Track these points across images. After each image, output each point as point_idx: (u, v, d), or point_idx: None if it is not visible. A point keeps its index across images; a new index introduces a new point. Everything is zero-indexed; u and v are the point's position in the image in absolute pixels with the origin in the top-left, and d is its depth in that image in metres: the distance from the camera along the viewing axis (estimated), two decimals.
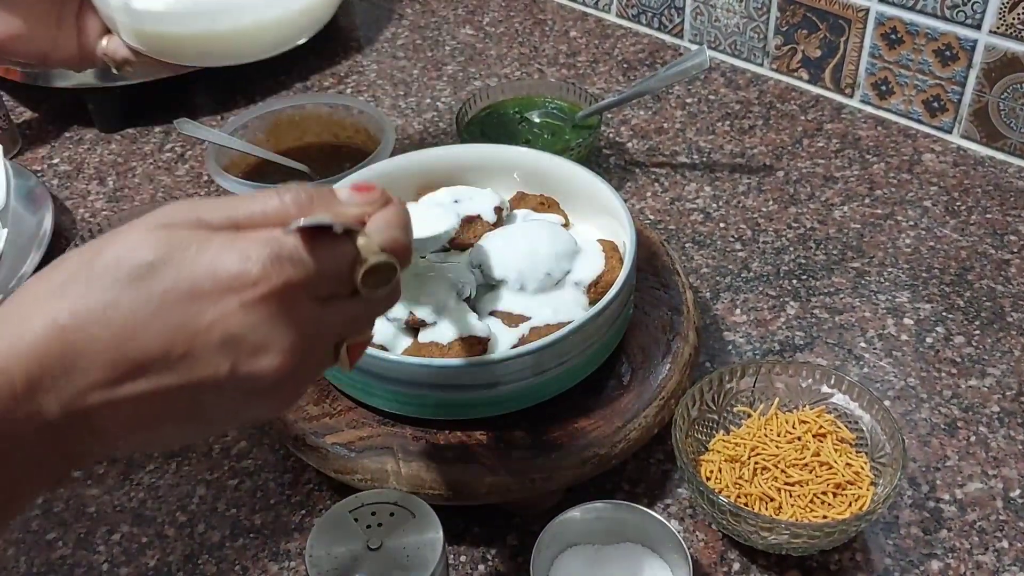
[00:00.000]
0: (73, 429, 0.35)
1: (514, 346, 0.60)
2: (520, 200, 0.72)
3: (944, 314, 0.75)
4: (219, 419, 0.39)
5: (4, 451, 0.34)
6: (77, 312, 0.35)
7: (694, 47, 1.06)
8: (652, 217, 0.86)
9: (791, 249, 0.82)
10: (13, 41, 0.60)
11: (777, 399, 0.64)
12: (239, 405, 0.38)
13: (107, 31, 0.63)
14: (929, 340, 0.73)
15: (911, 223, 0.84)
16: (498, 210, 0.68)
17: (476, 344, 0.59)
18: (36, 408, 0.34)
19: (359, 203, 0.40)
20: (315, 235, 0.37)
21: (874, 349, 0.73)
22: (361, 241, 0.39)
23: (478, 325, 0.60)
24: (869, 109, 0.97)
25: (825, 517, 0.57)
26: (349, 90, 1.07)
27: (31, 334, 0.34)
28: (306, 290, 0.37)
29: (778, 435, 0.62)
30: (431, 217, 0.61)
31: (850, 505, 0.58)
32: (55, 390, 0.34)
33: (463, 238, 0.67)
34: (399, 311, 0.60)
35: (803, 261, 0.81)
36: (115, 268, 0.35)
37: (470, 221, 0.67)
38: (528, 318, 0.62)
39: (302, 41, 0.65)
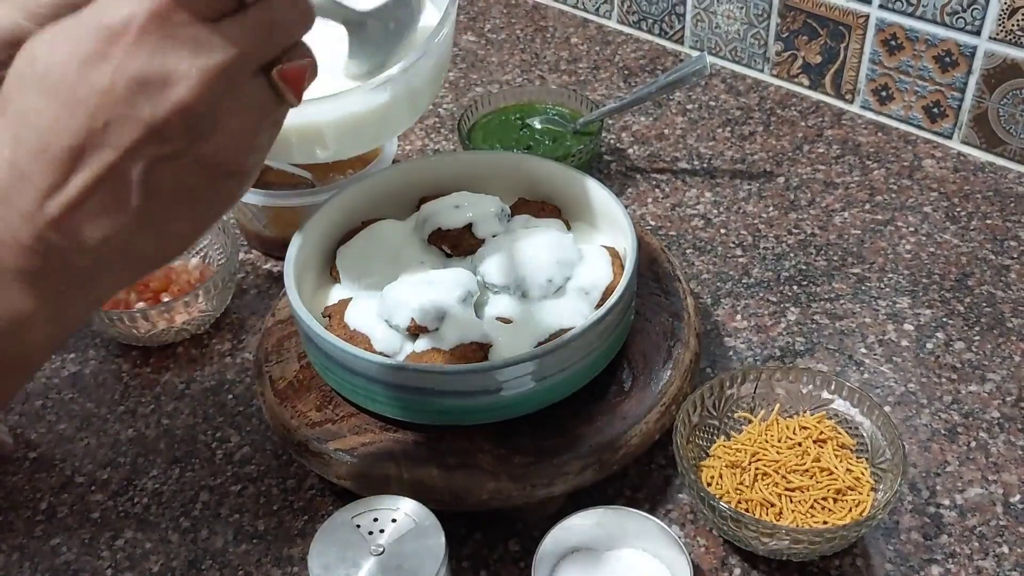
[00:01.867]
0: (51, 249, 0.36)
1: (540, 343, 0.60)
2: (521, 206, 0.72)
3: (944, 320, 0.75)
4: (190, 192, 0.38)
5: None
6: (7, 134, 0.36)
7: (695, 53, 1.06)
8: (653, 223, 0.87)
9: (792, 255, 0.82)
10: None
11: (778, 405, 0.64)
12: (197, 164, 0.37)
13: None
14: (929, 346, 0.73)
15: (911, 229, 0.84)
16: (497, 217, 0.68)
17: (478, 350, 0.60)
18: (8, 236, 0.35)
19: None
20: None
21: (874, 355, 0.73)
22: None
23: (480, 331, 0.60)
24: (869, 115, 0.98)
25: (826, 523, 0.58)
26: None
27: None
28: (180, 10, 0.36)
29: (779, 441, 0.62)
30: None
31: (851, 511, 0.58)
32: (17, 213, 0.35)
33: (464, 244, 0.67)
34: (401, 318, 0.60)
35: (804, 267, 0.81)
36: (19, 83, 0.36)
37: (460, 234, 0.67)
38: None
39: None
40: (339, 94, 0.53)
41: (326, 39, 0.43)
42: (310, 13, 0.40)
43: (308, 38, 0.40)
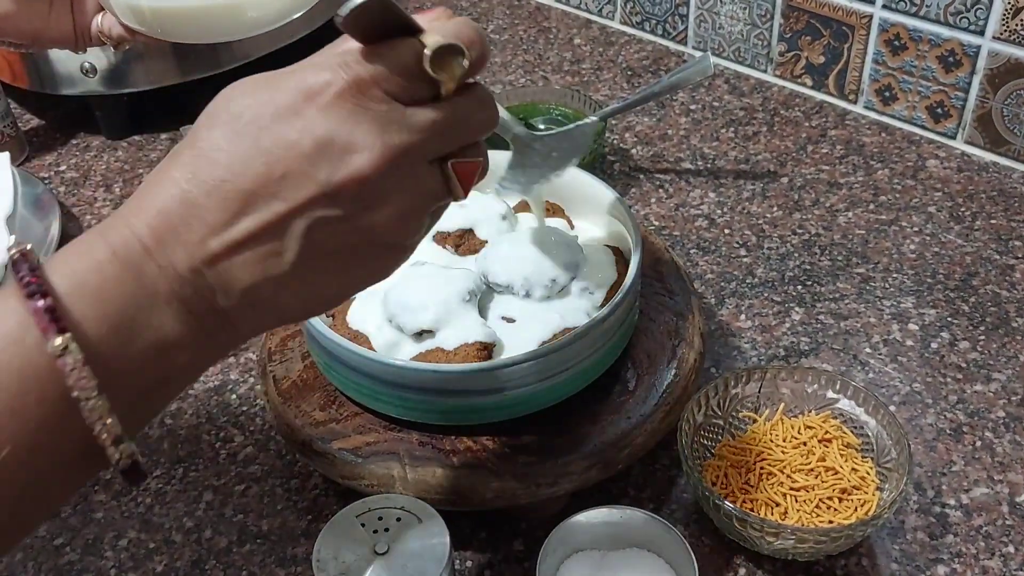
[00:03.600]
0: (203, 285, 0.37)
1: (544, 342, 0.60)
2: (525, 206, 0.72)
3: (949, 319, 0.75)
4: (343, 255, 0.39)
5: (147, 308, 0.36)
6: (186, 165, 0.37)
7: (698, 54, 1.06)
8: (657, 223, 0.87)
9: (796, 255, 0.82)
10: (4, 21, 0.60)
11: (782, 404, 0.64)
12: (357, 230, 0.38)
13: (101, 8, 0.62)
14: (934, 345, 0.73)
15: (915, 229, 0.84)
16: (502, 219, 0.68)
17: (482, 350, 0.59)
18: (166, 261, 0.36)
19: (423, 19, 0.40)
20: (379, 40, 0.38)
21: (879, 354, 0.73)
22: (426, 38, 0.39)
23: (484, 330, 0.60)
24: (873, 115, 0.98)
25: (831, 522, 0.57)
26: None
27: (156, 197, 0.37)
28: (378, 86, 0.38)
29: (784, 440, 0.62)
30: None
31: (856, 510, 0.58)
32: (179, 241, 0.36)
33: (465, 246, 0.67)
34: (405, 317, 0.60)
35: (808, 267, 0.81)
36: (211, 120, 0.38)
37: (464, 234, 0.67)
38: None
39: (299, 14, 0.64)
40: None
41: None
42: (496, 117, 0.43)
43: None
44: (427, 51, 0.38)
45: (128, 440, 0.36)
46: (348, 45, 0.39)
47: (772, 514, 0.58)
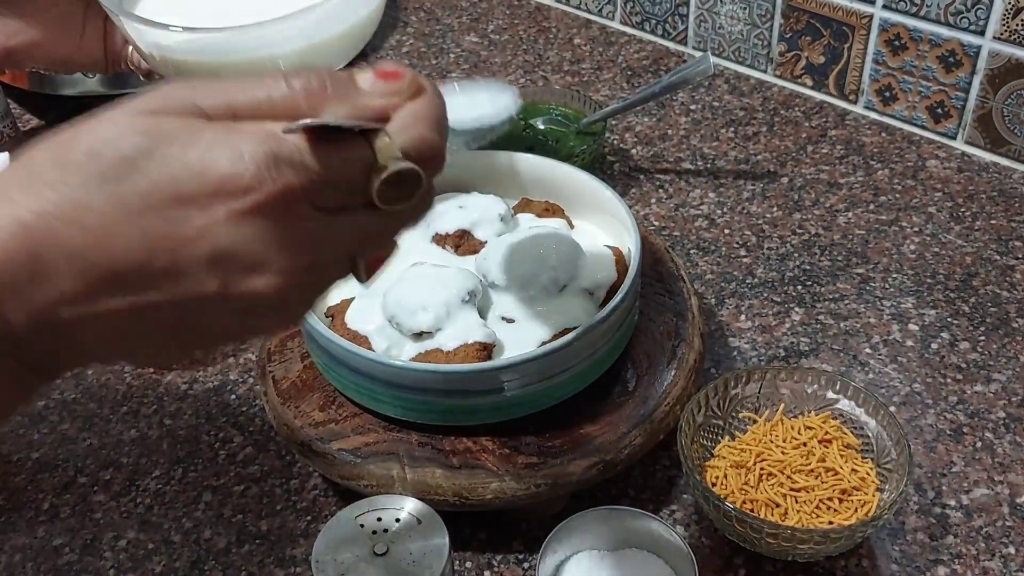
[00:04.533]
0: (43, 342, 0.32)
1: (544, 343, 0.60)
2: (525, 206, 0.72)
3: (949, 320, 0.75)
4: (210, 336, 0.34)
5: None
6: (45, 213, 0.30)
7: (698, 54, 1.06)
8: (656, 223, 0.86)
9: (796, 255, 0.82)
10: (37, 48, 0.60)
11: (782, 405, 0.64)
12: (232, 323, 0.33)
13: None
14: (934, 346, 0.73)
15: (916, 229, 0.84)
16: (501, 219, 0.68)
17: (481, 350, 0.59)
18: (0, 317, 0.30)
19: (383, 93, 0.34)
20: (323, 133, 0.32)
21: (879, 355, 0.73)
22: (379, 143, 0.32)
23: (483, 331, 0.60)
24: (873, 115, 0.98)
25: (831, 523, 0.57)
26: None
27: (3, 233, 0.30)
28: (309, 199, 0.32)
29: (784, 441, 0.62)
30: (481, 100, 0.49)
31: (856, 511, 0.58)
32: (20, 300, 0.30)
33: (464, 247, 0.67)
34: (404, 318, 0.60)
35: (808, 267, 0.81)
36: (90, 162, 0.31)
37: (464, 235, 0.67)
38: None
39: None
40: None
41: None
42: (424, 215, 0.36)
43: None
44: (379, 177, 0.32)
45: None
46: (281, 131, 0.32)
47: (772, 515, 0.58)
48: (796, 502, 0.58)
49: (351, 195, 0.33)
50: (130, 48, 0.63)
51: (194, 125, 0.31)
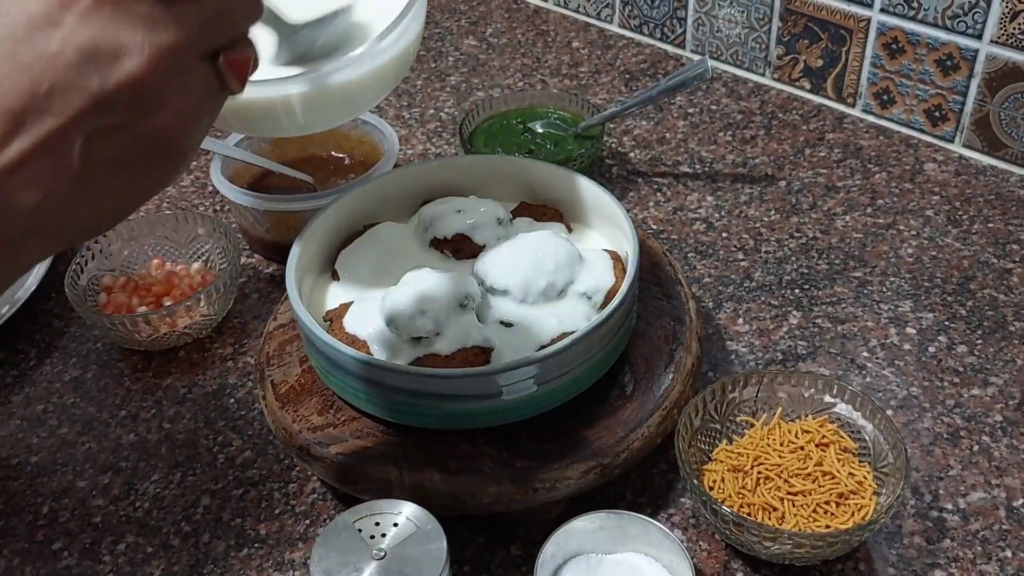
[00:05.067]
0: None
1: (542, 347, 0.60)
2: (523, 210, 0.72)
3: (946, 323, 0.75)
4: (129, 166, 0.38)
5: None
6: None
7: (696, 57, 1.06)
8: (654, 227, 0.87)
9: (793, 259, 0.82)
10: None
11: (780, 409, 0.64)
12: (139, 138, 0.37)
13: None
14: (931, 349, 0.73)
15: (913, 232, 0.84)
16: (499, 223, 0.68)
17: (479, 354, 0.60)
18: None
19: None
20: None
21: (876, 358, 0.73)
22: None
23: (481, 335, 0.60)
24: (871, 119, 0.98)
25: (828, 527, 0.57)
26: None
27: None
28: None
29: (781, 445, 0.62)
30: None
31: (853, 515, 0.58)
32: None
33: (465, 249, 0.67)
34: (402, 322, 0.60)
35: (805, 271, 0.81)
36: None
37: (462, 239, 0.68)
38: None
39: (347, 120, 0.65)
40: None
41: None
42: (259, 6, 0.41)
43: None
44: None
45: None
46: None
47: (769, 519, 0.58)
48: (793, 506, 0.59)
49: None
50: None
51: None
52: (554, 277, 0.64)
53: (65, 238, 0.39)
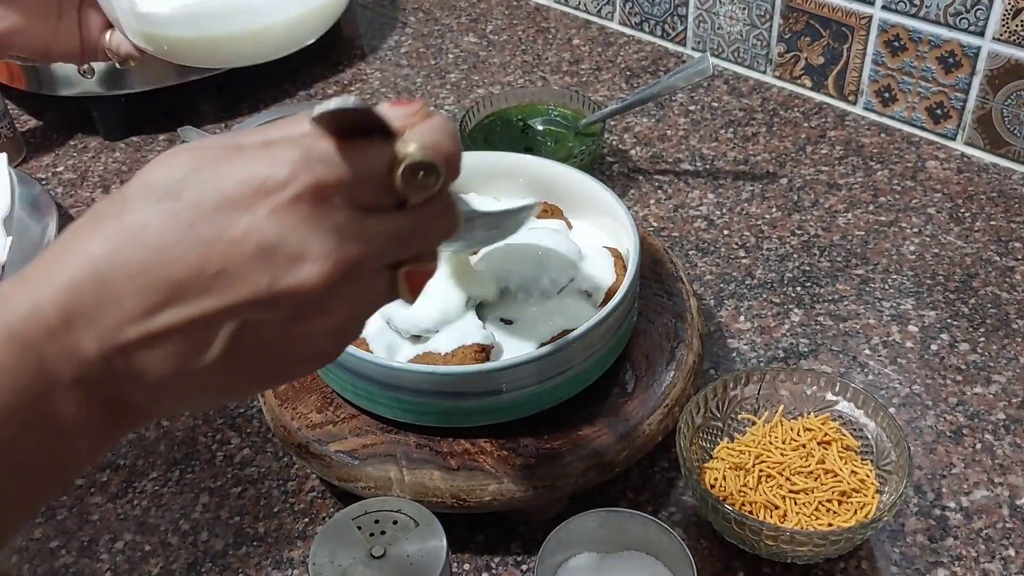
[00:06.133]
0: (113, 373, 0.33)
1: (543, 344, 0.59)
2: None
3: (949, 321, 0.75)
4: (269, 359, 0.36)
5: (44, 395, 0.33)
6: (109, 239, 0.33)
7: (697, 54, 1.06)
8: (655, 224, 0.86)
9: (795, 256, 0.82)
10: (12, 35, 0.60)
11: (781, 406, 0.64)
12: (289, 337, 0.35)
13: (110, 25, 0.63)
14: (934, 347, 0.73)
15: (915, 230, 0.84)
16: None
17: (480, 352, 0.59)
18: (72, 344, 0.33)
19: (398, 116, 0.37)
20: (350, 139, 0.35)
21: (879, 356, 0.73)
22: (399, 143, 0.36)
23: (482, 332, 0.60)
24: (872, 116, 0.97)
25: (830, 525, 0.57)
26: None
27: (67, 268, 0.33)
28: (341, 193, 0.34)
29: (783, 442, 0.61)
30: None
31: (855, 513, 0.58)
32: (90, 325, 0.33)
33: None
34: (402, 319, 0.60)
35: (807, 268, 0.81)
36: (145, 190, 0.34)
37: None
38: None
39: (310, 41, 0.65)
40: None
41: None
42: (457, 225, 0.39)
43: None
44: (400, 167, 0.35)
45: None
46: (310, 133, 0.35)
47: (771, 517, 0.58)
48: (795, 504, 0.58)
49: (378, 191, 0.36)
50: (107, 35, 0.63)
51: (235, 148, 0.35)
52: (554, 274, 0.63)
53: (186, 407, 0.38)
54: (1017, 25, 0.83)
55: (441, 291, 0.61)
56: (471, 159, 0.75)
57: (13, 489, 0.33)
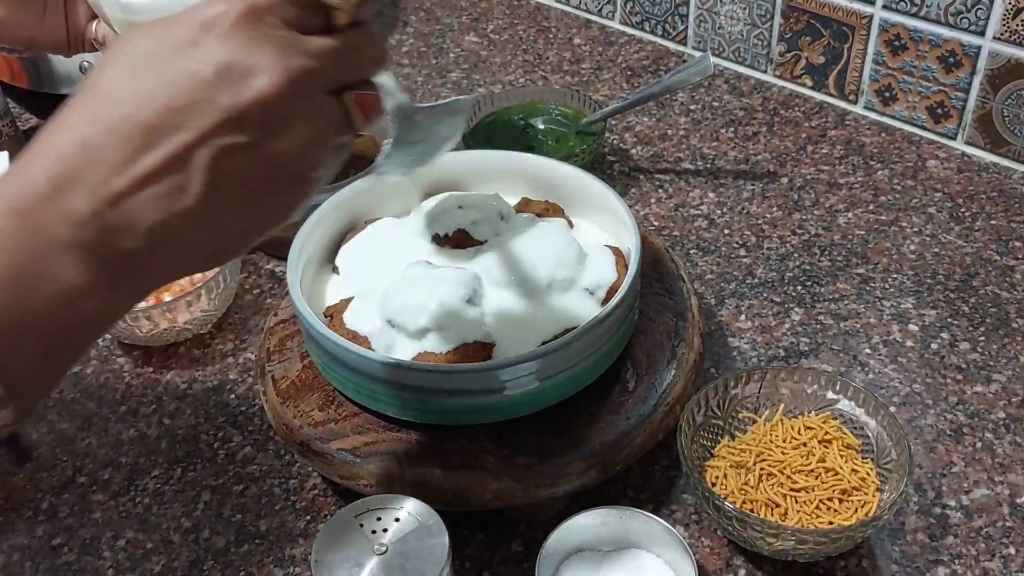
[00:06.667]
0: (106, 228, 0.36)
1: (544, 342, 0.60)
2: (525, 206, 0.72)
3: (949, 320, 0.75)
4: (248, 188, 0.39)
5: (43, 257, 0.35)
6: (85, 110, 0.37)
7: (698, 54, 1.06)
8: (656, 223, 0.86)
9: (796, 255, 0.82)
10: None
11: (782, 405, 0.64)
12: (263, 162, 0.38)
13: (95, 16, 0.63)
14: (934, 346, 0.73)
15: (916, 229, 0.84)
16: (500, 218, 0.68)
17: (481, 350, 0.59)
18: (66, 207, 0.36)
19: None
20: None
21: (879, 355, 0.73)
22: None
23: (483, 330, 0.60)
24: (873, 115, 0.98)
25: (831, 523, 0.57)
26: None
27: (52, 145, 0.37)
28: (274, 13, 0.38)
29: (784, 441, 0.61)
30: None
31: (856, 511, 0.58)
32: (79, 185, 0.36)
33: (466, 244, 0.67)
34: (404, 317, 0.60)
35: (808, 267, 0.81)
36: (109, 66, 0.38)
37: (461, 236, 0.67)
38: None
39: None
40: None
41: None
42: (386, 56, 0.43)
43: None
44: None
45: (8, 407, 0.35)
46: None
47: (772, 515, 0.58)
48: (796, 502, 0.58)
49: (306, 9, 0.40)
50: (93, 25, 0.63)
51: (175, 15, 0.39)
52: (556, 273, 0.63)
53: (184, 264, 0.40)
54: (1018, 25, 0.84)
55: (436, 284, 0.61)
56: (473, 158, 0.76)
57: (30, 350, 0.36)
